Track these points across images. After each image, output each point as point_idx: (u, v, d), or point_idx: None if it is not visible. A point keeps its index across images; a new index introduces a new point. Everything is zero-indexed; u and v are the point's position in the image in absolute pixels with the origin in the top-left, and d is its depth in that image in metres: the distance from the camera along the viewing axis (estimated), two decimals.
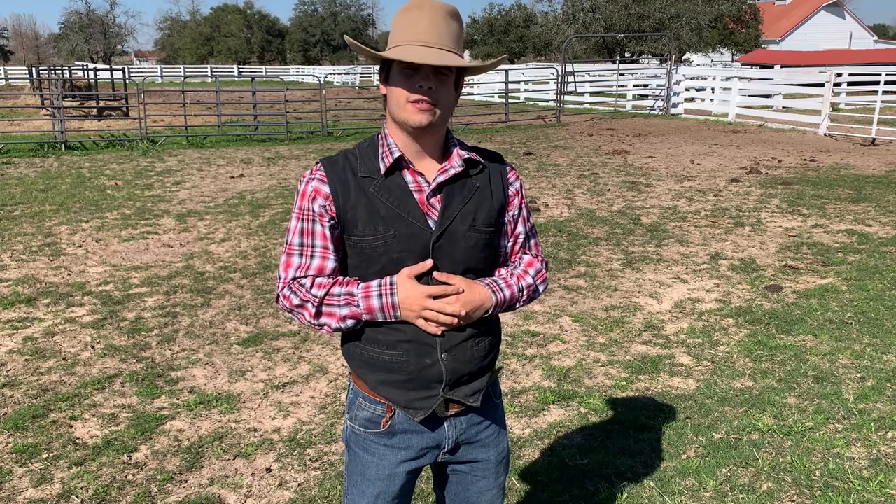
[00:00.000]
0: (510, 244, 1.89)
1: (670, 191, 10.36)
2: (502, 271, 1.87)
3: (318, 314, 1.71)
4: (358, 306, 1.69)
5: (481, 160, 1.81)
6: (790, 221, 8.43)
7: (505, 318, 5.30)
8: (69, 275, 6.40)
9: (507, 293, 1.79)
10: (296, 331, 5.10)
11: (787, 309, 5.52)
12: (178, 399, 4.10)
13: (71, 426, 3.79)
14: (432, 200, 1.73)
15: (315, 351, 4.78)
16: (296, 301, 1.72)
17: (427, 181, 1.74)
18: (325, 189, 1.72)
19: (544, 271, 1.90)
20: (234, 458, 3.49)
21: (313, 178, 1.74)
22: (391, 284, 1.68)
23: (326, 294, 1.70)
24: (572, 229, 8.03)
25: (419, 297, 1.67)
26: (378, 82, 1.76)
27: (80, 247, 7.33)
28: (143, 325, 5.21)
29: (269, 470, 3.39)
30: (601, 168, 12.46)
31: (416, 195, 1.72)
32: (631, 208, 9.16)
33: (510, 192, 1.85)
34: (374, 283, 1.70)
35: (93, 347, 4.83)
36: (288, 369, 4.51)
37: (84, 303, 5.69)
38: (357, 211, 1.70)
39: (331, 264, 1.74)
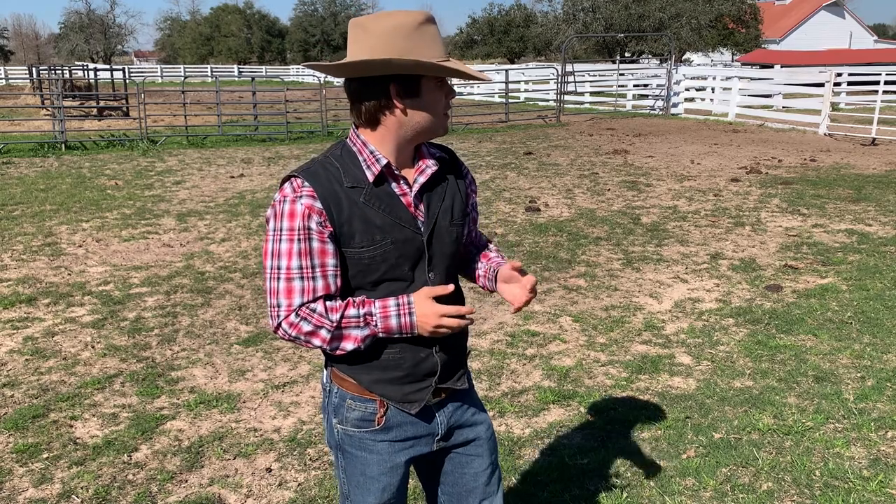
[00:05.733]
0: (474, 229, 2.03)
1: (670, 190, 10.36)
2: (491, 254, 2.02)
3: (334, 338, 1.69)
4: (376, 325, 1.70)
5: (446, 156, 1.89)
6: (790, 221, 8.43)
7: (505, 318, 5.31)
8: (69, 275, 6.41)
9: None
10: None
11: (787, 309, 5.52)
12: (178, 399, 4.10)
13: (71, 426, 3.79)
14: (417, 202, 1.77)
15: (315, 351, 4.78)
16: (307, 328, 1.68)
17: (408, 184, 1.77)
18: (318, 205, 1.65)
19: None
20: (235, 458, 3.49)
21: (300, 196, 1.65)
22: (409, 304, 1.70)
23: (342, 317, 1.68)
24: (572, 229, 8.03)
25: (433, 316, 1.70)
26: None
27: (80, 247, 7.34)
28: (143, 325, 5.21)
29: (269, 470, 3.39)
30: (601, 168, 12.46)
31: (402, 199, 1.75)
32: (631, 208, 9.16)
33: (467, 181, 1.94)
34: (392, 302, 1.71)
35: (93, 347, 4.83)
36: (288, 369, 4.51)
37: (84, 303, 5.69)
38: (353, 223, 1.68)
39: (335, 281, 1.71)
